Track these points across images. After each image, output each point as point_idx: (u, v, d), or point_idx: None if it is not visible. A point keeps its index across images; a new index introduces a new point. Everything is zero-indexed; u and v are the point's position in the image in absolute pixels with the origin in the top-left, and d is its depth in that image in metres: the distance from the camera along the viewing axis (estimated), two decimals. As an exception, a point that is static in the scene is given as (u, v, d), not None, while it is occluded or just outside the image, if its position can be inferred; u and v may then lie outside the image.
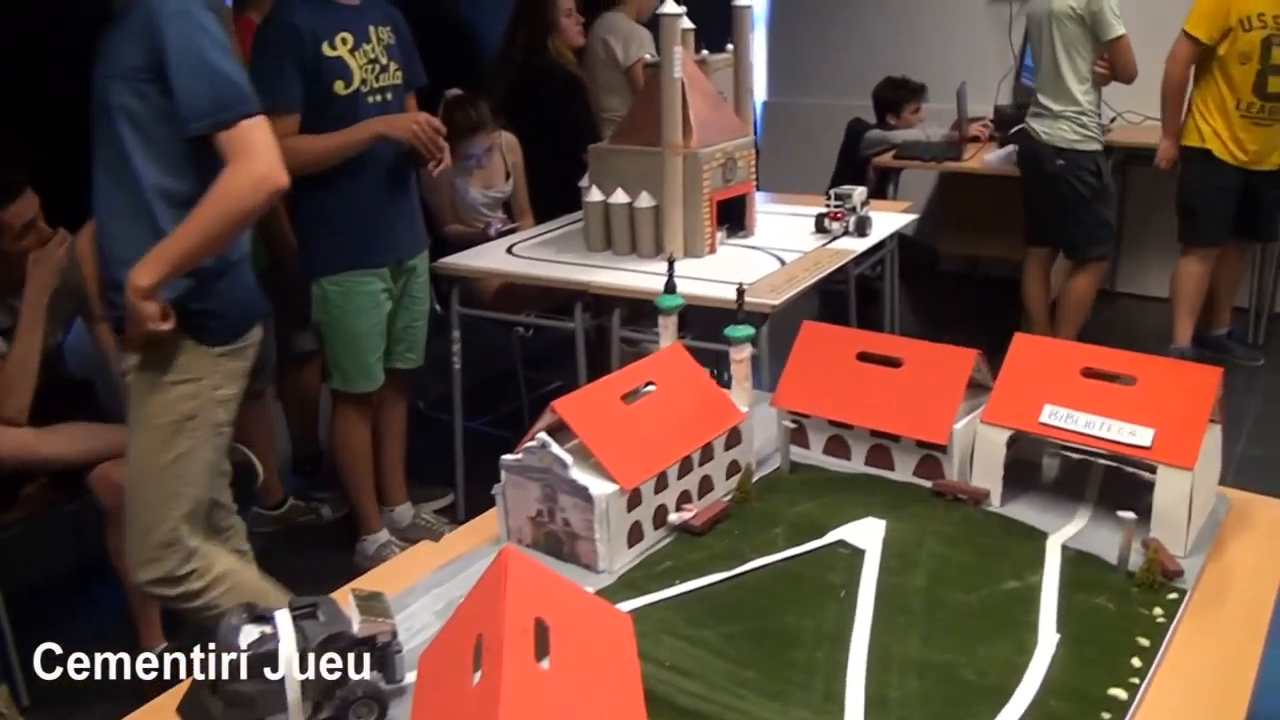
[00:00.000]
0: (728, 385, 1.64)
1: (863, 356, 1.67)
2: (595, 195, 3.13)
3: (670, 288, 1.67)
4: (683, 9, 2.90)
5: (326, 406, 3.26)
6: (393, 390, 3.18)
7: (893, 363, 1.66)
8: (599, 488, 1.37)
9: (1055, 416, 1.51)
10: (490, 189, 3.70)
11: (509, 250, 3.27)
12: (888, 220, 3.39)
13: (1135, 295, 5.43)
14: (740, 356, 1.60)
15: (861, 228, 3.24)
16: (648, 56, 3.48)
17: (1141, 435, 1.44)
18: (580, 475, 1.38)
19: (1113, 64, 4.01)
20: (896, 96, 5.14)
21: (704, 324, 3.24)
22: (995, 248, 5.19)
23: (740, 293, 1.65)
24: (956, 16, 5.63)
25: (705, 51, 3.28)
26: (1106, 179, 4.17)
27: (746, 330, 1.59)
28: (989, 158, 4.54)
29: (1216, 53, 4.07)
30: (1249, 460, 3.73)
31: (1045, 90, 4.14)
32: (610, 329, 3.02)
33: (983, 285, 5.65)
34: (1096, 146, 4.12)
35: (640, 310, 3.03)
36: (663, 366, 1.58)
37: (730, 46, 3.26)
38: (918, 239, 5.20)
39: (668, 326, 1.67)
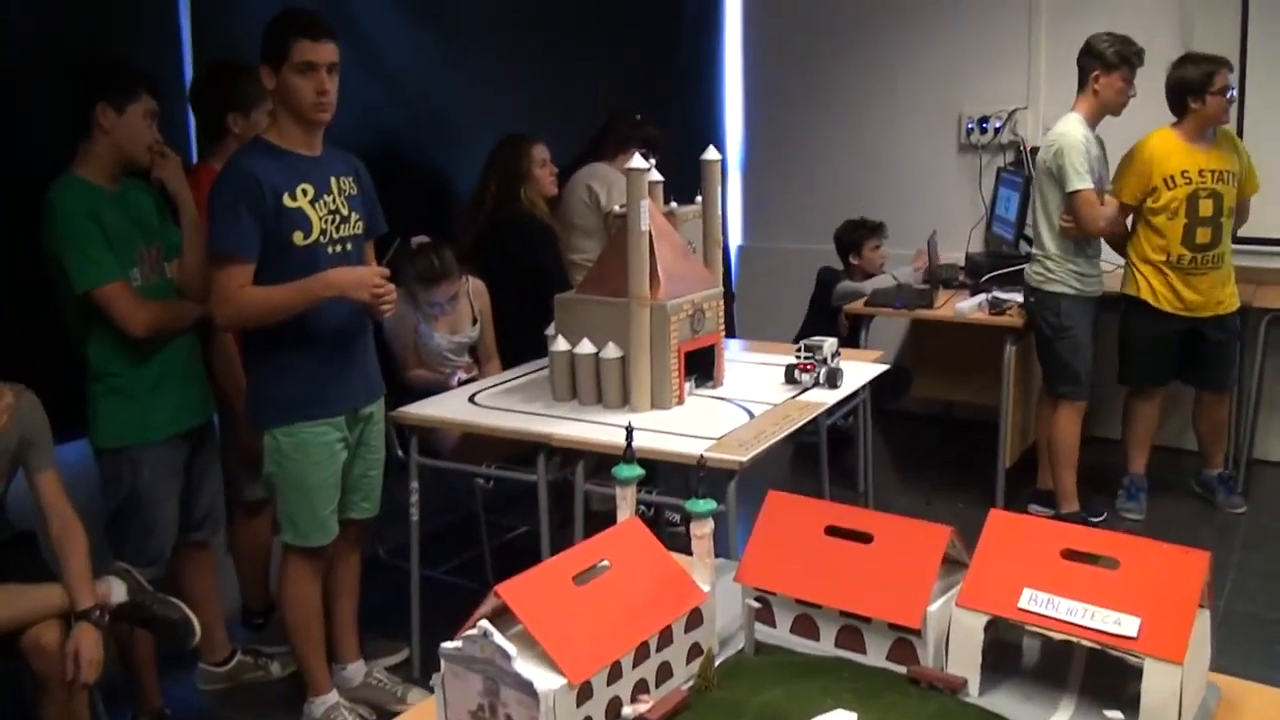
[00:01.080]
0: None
1: (831, 530, 1.59)
2: (561, 345, 3.08)
3: (629, 457, 1.59)
4: (650, 163, 2.90)
5: (278, 557, 3.13)
6: (347, 541, 3.07)
7: (863, 538, 1.57)
8: (545, 682, 1.26)
9: (1035, 601, 1.42)
10: (456, 334, 3.65)
11: (471, 398, 3.20)
12: (859, 370, 3.34)
13: (1114, 440, 5.37)
14: (702, 532, 1.51)
15: (832, 379, 3.18)
16: (616, 208, 3.48)
17: (1127, 624, 1.35)
18: (525, 668, 1.27)
19: (1073, 216, 4.07)
20: (856, 236, 5.19)
21: (678, 476, 3.18)
22: (967, 392, 5.18)
23: (700, 463, 1.57)
24: (928, 166, 5.72)
25: (674, 203, 3.27)
26: (1070, 322, 4.17)
27: (708, 504, 1.50)
28: (961, 305, 4.53)
29: (1146, 208, 4.21)
30: (1231, 615, 3.65)
31: (1034, 234, 4.27)
32: (575, 482, 2.93)
33: (956, 429, 5.61)
34: (1061, 289, 4.16)
35: (605, 463, 2.94)
36: (618, 543, 1.48)
37: (699, 198, 3.25)
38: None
39: (625, 498, 1.58)
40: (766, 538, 1.62)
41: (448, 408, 3.13)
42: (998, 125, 5.47)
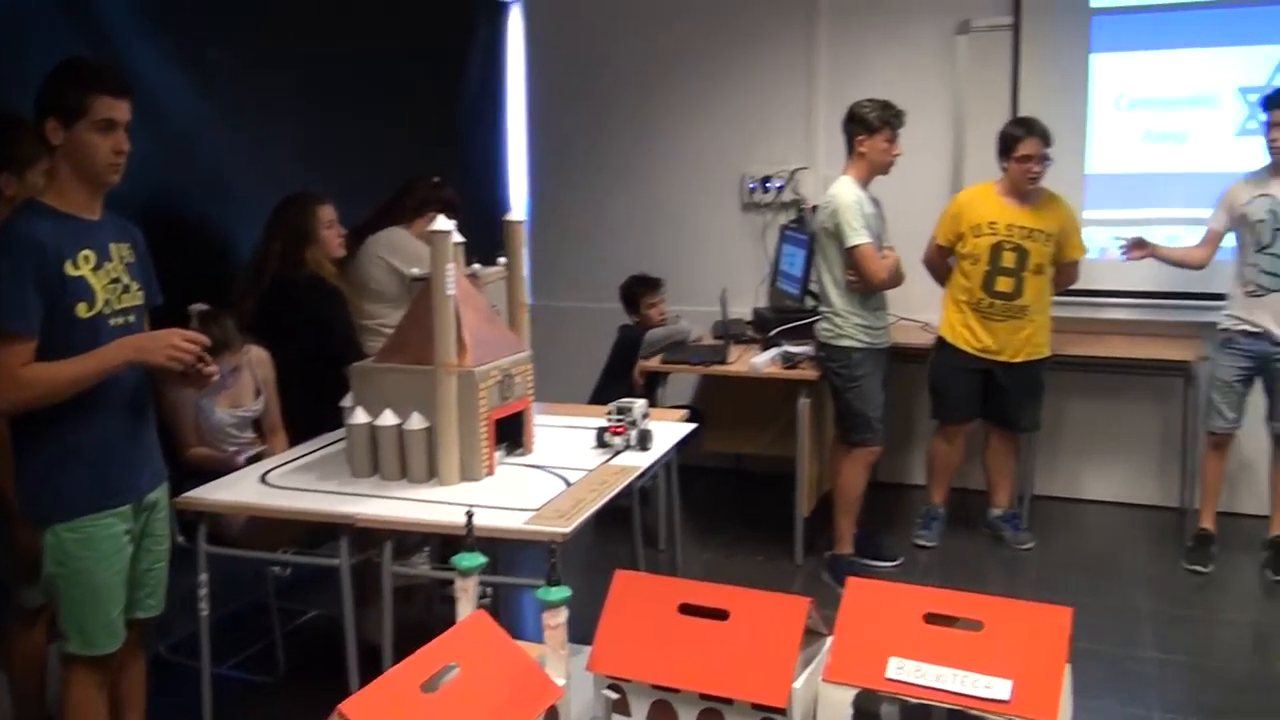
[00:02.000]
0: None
1: (685, 609, 1.51)
2: (360, 417, 2.91)
3: (469, 545, 1.47)
4: (453, 224, 2.79)
5: (56, 668, 2.81)
6: (131, 645, 2.76)
7: (719, 614, 1.50)
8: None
9: (903, 670, 1.38)
10: (239, 408, 3.42)
11: (263, 478, 2.98)
12: (668, 431, 3.31)
13: (901, 484, 5.57)
14: (555, 622, 1.41)
15: (644, 441, 3.14)
16: (414, 271, 3.34)
17: (998, 688, 1.33)
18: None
19: (856, 271, 4.21)
20: (634, 291, 5.22)
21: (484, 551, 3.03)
22: (759, 444, 5.23)
23: (552, 546, 1.47)
24: (714, 224, 5.82)
25: (477, 265, 3.17)
26: (860, 373, 4.31)
27: (562, 592, 1.41)
28: (755, 360, 4.59)
29: (958, 252, 4.53)
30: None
31: (820, 292, 4.42)
32: (381, 564, 2.76)
33: (750, 481, 5.69)
34: (850, 343, 4.29)
35: (408, 541, 2.80)
36: (466, 642, 1.36)
37: (502, 259, 3.16)
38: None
39: (467, 590, 1.47)
40: (617, 620, 1.53)
41: (239, 490, 2.90)
42: (779, 184, 5.63)
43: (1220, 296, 4.59)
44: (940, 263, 4.68)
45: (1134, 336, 5.12)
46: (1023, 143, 4.40)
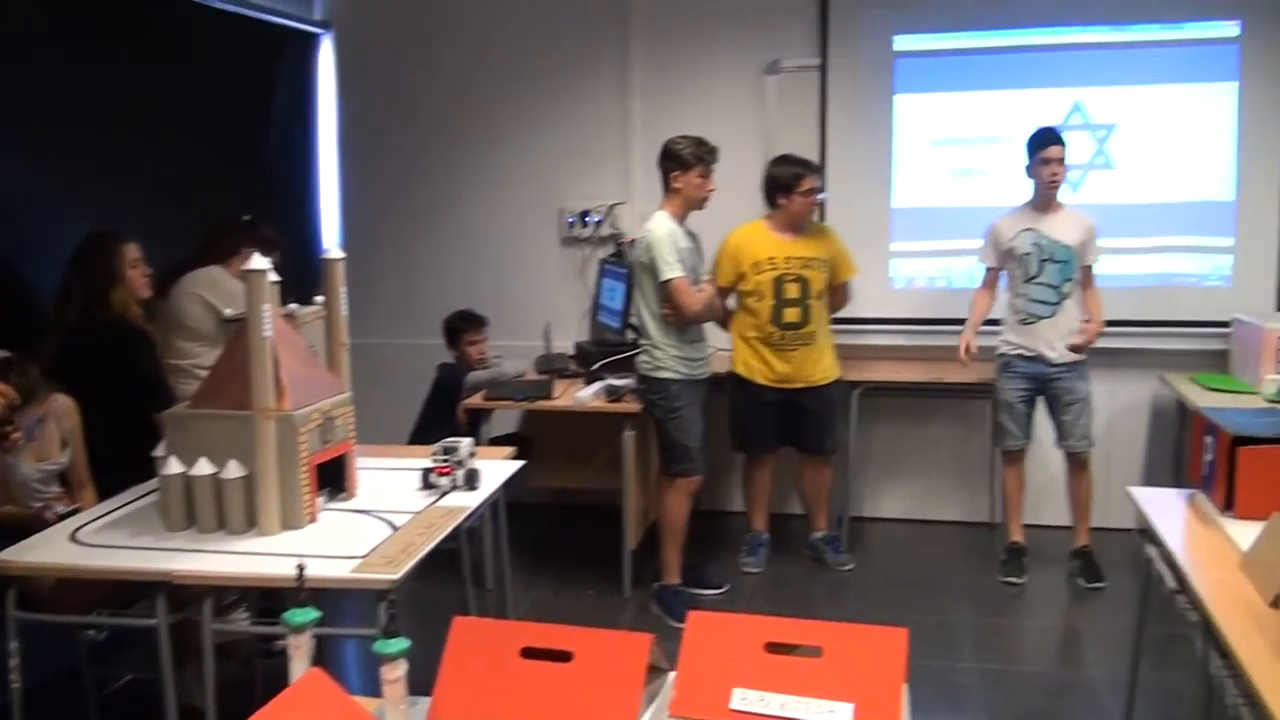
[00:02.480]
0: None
1: (528, 652, 1.50)
2: (174, 466, 2.78)
3: (302, 600, 1.42)
4: (269, 262, 2.70)
5: None
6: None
7: (562, 656, 1.49)
8: None
9: (746, 701, 1.40)
10: (44, 462, 3.23)
11: (73, 536, 2.80)
12: (496, 469, 3.28)
13: (725, 511, 5.66)
14: (394, 676, 1.38)
15: (471, 480, 3.10)
16: (228, 312, 3.22)
17: (841, 711, 1.36)
18: None
19: (670, 304, 4.29)
20: (457, 327, 5.15)
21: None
22: (585, 478, 5.21)
23: (389, 595, 1.43)
24: (534, 258, 5.81)
25: (294, 304, 3.08)
26: (680, 404, 4.37)
27: (400, 644, 1.37)
28: (580, 395, 4.59)
29: (741, 291, 4.64)
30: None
31: (640, 325, 4.47)
32: (201, 622, 2.63)
33: (575, 516, 5.67)
34: (669, 375, 4.36)
35: (227, 596, 2.68)
36: (303, 703, 1.31)
37: (320, 298, 3.08)
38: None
39: (299, 647, 1.41)
40: (457, 669, 1.51)
41: (49, 550, 2.71)
42: (598, 219, 5.67)
43: (996, 322, 4.87)
44: (721, 307, 4.75)
45: (944, 361, 5.33)
46: (805, 179, 4.59)
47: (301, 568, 1.47)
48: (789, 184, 4.60)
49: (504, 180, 5.81)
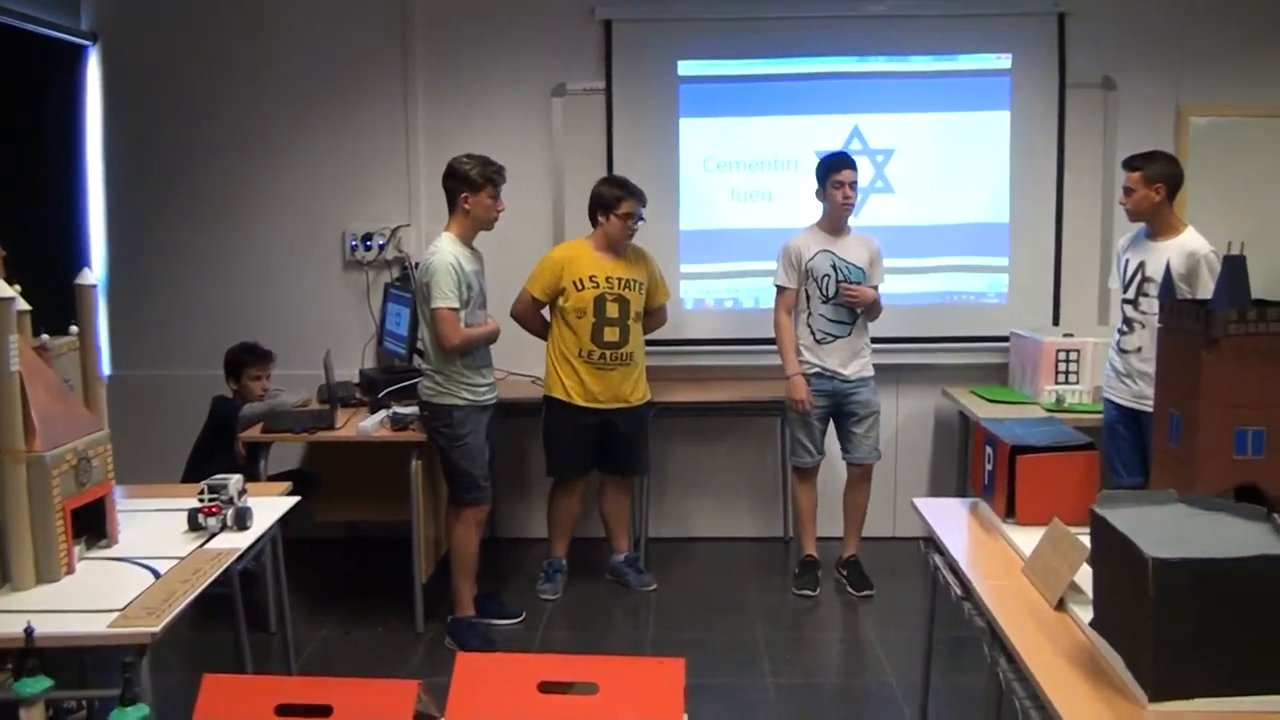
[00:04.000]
0: None
1: (283, 710, 1.37)
2: (-94, 518, 2.50)
3: (30, 669, 1.26)
4: (15, 289, 2.47)
5: None
6: None
7: (321, 711, 1.37)
8: None
9: (523, 750, 1.31)
10: None
11: None
12: (269, 507, 3.09)
13: (521, 538, 5.56)
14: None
15: (241, 520, 2.91)
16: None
17: (620, 755, 1.29)
18: None
19: (433, 331, 4.18)
20: (239, 360, 4.90)
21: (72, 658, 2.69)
22: (372, 510, 5.03)
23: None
24: (315, 283, 5.58)
25: (45, 335, 2.83)
26: (464, 431, 4.25)
27: (140, 711, 1.23)
28: (363, 425, 4.42)
29: (560, 308, 4.61)
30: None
31: (424, 350, 4.34)
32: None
33: (364, 550, 5.46)
34: (453, 401, 4.23)
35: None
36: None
37: (74, 328, 2.84)
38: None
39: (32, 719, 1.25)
40: (208, 733, 1.37)
41: None
42: (381, 243, 5.49)
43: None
44: (536, 314, 4.76)
45: (735, 381, 5.41)
46: (625, 202, 4.61)
47: (29, 630, 1.30)
48: (609, 205, 4.62)
49: (283, 201, 5.56)
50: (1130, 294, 4.33)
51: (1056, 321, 5.46)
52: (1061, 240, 5.47)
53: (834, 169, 4.73)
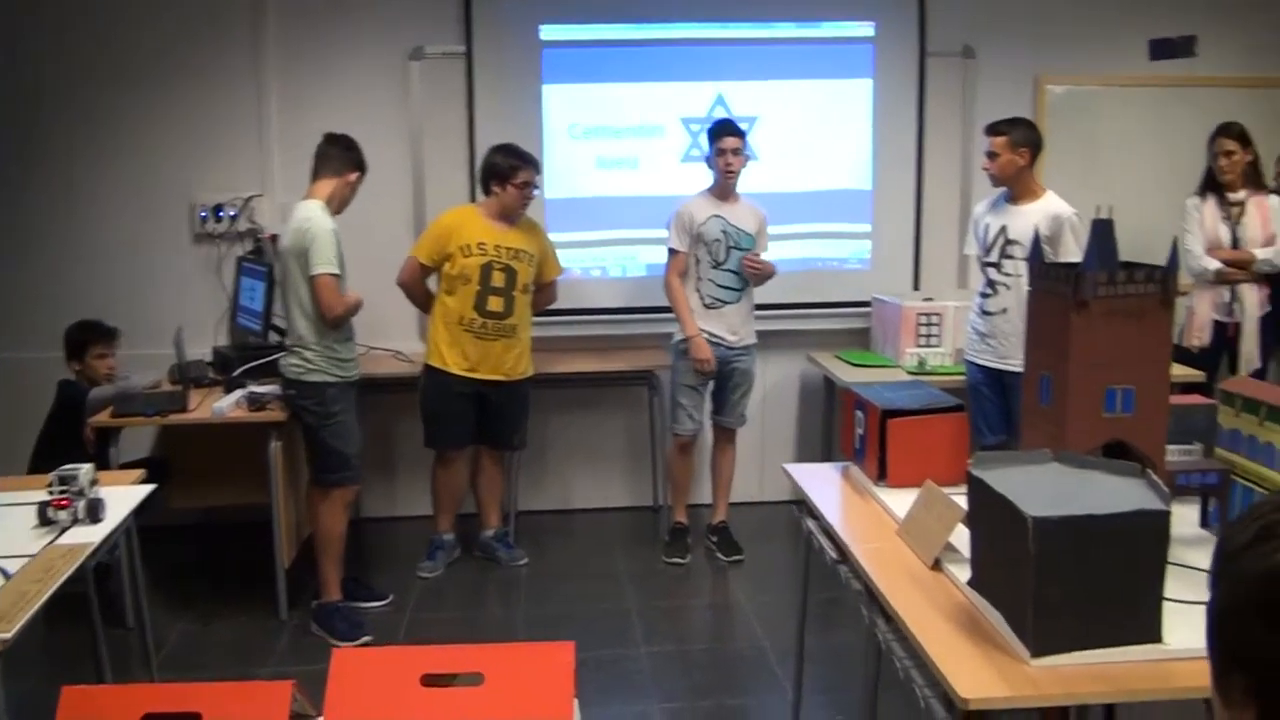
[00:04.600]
0: None
1: (151, 717, 1.27)
2: None
3: None
4: None
5: None
6: None
7: (189, 718, 1.28)
8: None
9: (408, 747, 1.24)
10: None
11: None
12: (122, 496, 2.93)
13: (387, 518, 5.41)
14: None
15: (94, 512, 2.75)
16: None
17: (512, 745, 1.23)
18: None
19: (316, 299, 4.02)
20: (81, 339, 4.64)
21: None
22: (230, 495, 4.81)
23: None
24: (163, 258, 5.27)
25: None
26: (336, 409, 4.11)
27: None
28: (219, 405, 4.22)
29: (445, 274, 4.51)
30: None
31: (288, 325, 4.16)
32: None
33: (222, 537, 5.21)
34: (323, 378, 4.08)
35: None
36: None
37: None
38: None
39: None
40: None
41: None
42: (234, 213, 5.24)
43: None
44: (421, 282, 4.66)
45: (604, 351, 5.36)
46: (521, 171, 4.54)
47: None
48: (505, 174, 4.53)
49: (126, 172, 5.23)
50: (993, 257, 4.41)
51: (917, 286, 5.56)
52: (922, 207, 5.57)
53: (718, 136, 4.73)
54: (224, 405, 4.24)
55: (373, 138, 4.31)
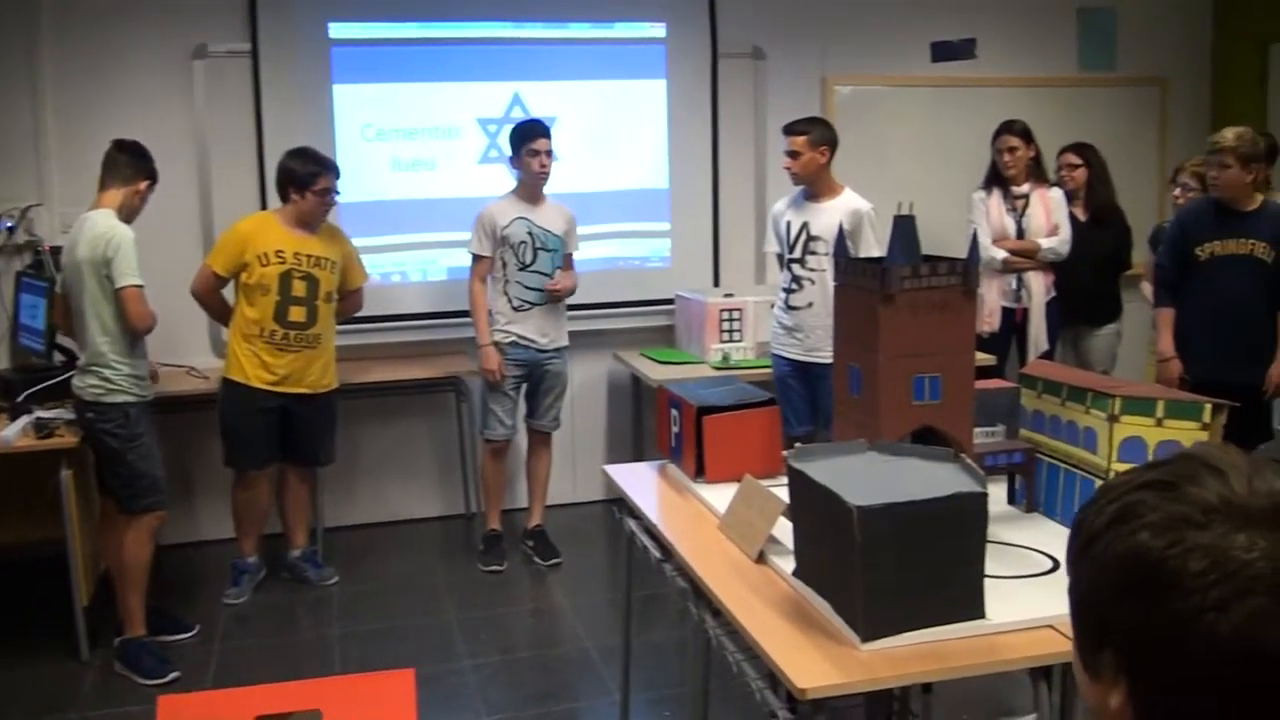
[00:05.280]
0: None
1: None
2: None
3: None
4: None
5: None
6: None
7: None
8: None
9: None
10: None
11: None
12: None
13: (188, 543, 5.14)
14: None
15: None
16: None
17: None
18: None
19: (123, 312, 3.81)
20: None
21: None
22: (17, 530, 4.48)
23: None
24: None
25: None
26: (140, 429, 3.91)
27: None
28: (3, 434, 3.87)
29: (243, 284, 4.34)
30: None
31: (78, 344, 3.94)
32: None
33: (12, 575, 4.72)
34: (124, 399, 3.86)
35: None
36: None
37: None
38: None
39: None
40: None
41: None
42: (10, 225, 4.86)
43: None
44: (215, 292, 4.46)
45: (409, 358, 5.25)
46: (320, 178, 4.40)
47: None
48: (303, 181, 4.37)
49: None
50: (797, 253, 4.53)
51: (717, 283, 5.67)
52: (719, 205, 5.68)
53: (529, 137, 4.69)
54: (10, 434, 3.92)
55: (156, 142, 4.08)
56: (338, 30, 5.14)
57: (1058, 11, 6.07)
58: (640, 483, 3.03)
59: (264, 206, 4.93)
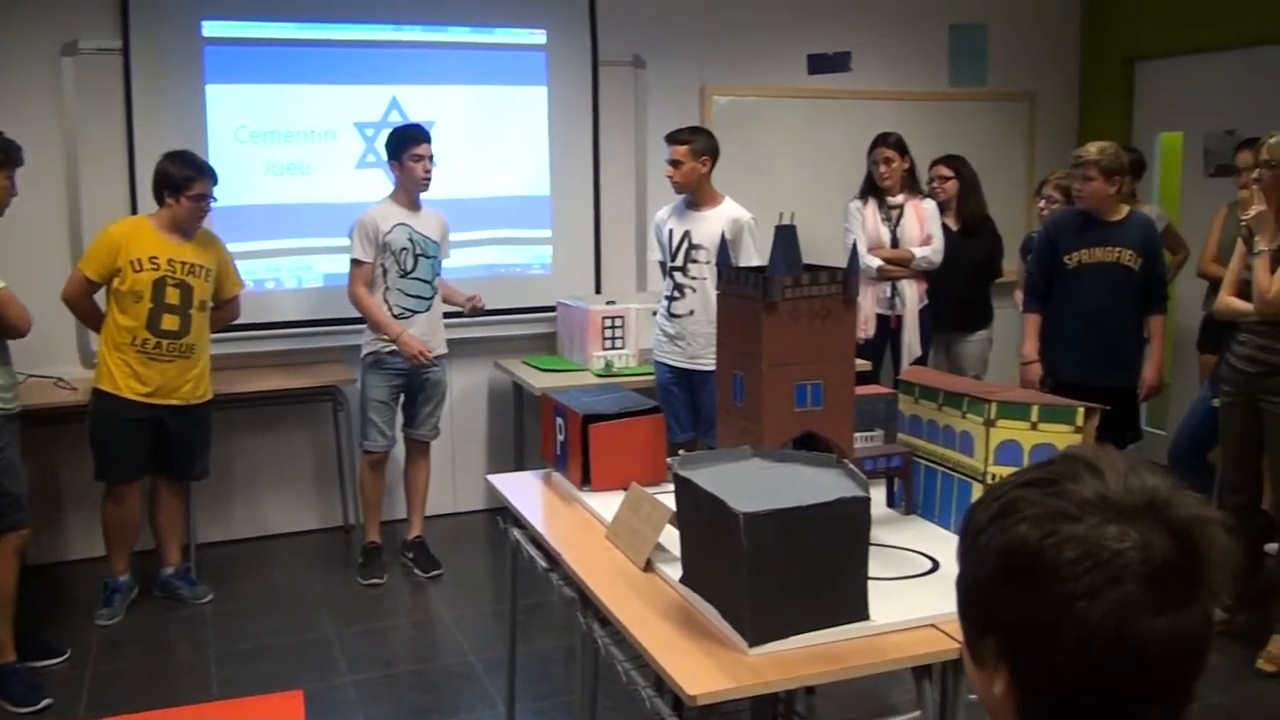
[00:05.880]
0: None
1: None
2: None
3: None
4: None
5: None
6: None
7: None
8: None
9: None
10: None
11: None
12: None
13: (56, 563, 4.93)
14: None
15: None
16: None
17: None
18: None
19: None
20: None
21: None
22: None
23: None
24: None
25: None
26: (3, 444, 3.73)
27: None
28: None
29: (115, 290, 4.18)
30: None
31: None
32: None
33: None
34: None
35: None
36: None
37: None
38: None
39: None
40: None
41: None
42: None
43: (359, 321, 4.76)
44: (87, 298, 4.28)
45: (284, 367, 5.13)
46: (197, 182, 4.25)
47: None
48: (179, 185, 4.22)
49: None
50: (679, 262, 4.56)
51: (599, 290, 5.67)
52: (600, 212, 5.68)
53: (412, 142, 4.63)
54: None
55: (23, 141, 3.90)
56: (211, 29, 5.00)
57: (930, 27, 6.23)
58: (525, 492, 3.01)
59: (135, 210, 4.77)
